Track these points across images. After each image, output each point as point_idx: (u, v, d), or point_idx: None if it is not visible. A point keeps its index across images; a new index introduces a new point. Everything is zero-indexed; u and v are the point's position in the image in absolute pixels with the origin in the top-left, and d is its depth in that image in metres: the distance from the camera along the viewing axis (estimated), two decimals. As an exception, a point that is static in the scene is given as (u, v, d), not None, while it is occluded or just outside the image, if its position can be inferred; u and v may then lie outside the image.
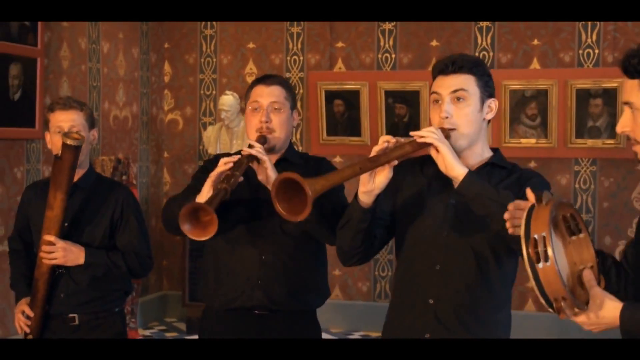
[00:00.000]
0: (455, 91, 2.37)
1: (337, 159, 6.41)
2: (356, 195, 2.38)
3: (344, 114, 6.41)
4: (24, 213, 3.36)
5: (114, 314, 3.29)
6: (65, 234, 3.16)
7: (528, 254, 1.91)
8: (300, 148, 6.57)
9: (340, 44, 6.56)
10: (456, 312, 2.37)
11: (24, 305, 3.21)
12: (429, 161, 2.39)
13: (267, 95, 2.86)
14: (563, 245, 2.03)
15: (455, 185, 2.31)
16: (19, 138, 5.20)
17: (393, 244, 2.58)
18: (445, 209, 2.41)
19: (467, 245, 2.37)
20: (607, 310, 1.95)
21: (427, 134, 2.29)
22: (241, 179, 2.69)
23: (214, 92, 6.84)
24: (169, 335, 6.31)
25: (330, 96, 6.41)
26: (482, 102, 2.40)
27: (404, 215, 2.47)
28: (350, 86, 6.36)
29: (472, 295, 2.37)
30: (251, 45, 6.75)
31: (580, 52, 6.08)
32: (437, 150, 2.29)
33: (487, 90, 2.42)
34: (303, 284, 2.89)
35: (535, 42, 6.17)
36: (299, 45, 6.64)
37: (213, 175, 2.68)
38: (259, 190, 2.81)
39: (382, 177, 2.32)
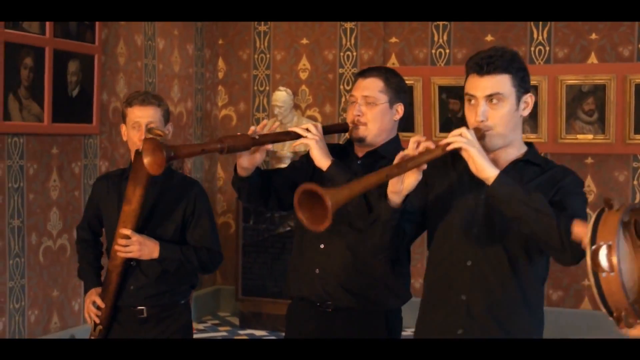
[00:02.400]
0: (490, 95, 2.32)
1: (390, 155, 6.39)
2: (385, 194, 2.36)
3: (406, 110, 6.38)
4: (95, 204, 3.38)
5: (180, 307, 3.30)
6: (139, 228, 3.17)
7: (592, 262, 1.85)
8: (353, 144, 6.56)
9: (393, 40, 6.54)
10: (489, 309, 2.35)
11: (94, 296, 3.24)
12: (459, 156, 2.36)
13: (362, 88, 2.87)
14: (632, 251, 1.96)
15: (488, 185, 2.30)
16: (76, 134, 5.30)
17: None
18: (476, 205, 2.38)
19: (498, 241, 2.34)
20: None
21: (454, 139, 2.25)
22: (268, 146, 2.73)
23: (267, 88, 6.87)
24: (222, 329, 6.37)
25: (384, 92, 6.39)
26: (519, 99, 2.36)
27: (435, 211, 2.45)
28: (404, 82, 6.33)
29: (505, 292, 2.35)
30: (304, 41, 6.76)
31: (640, 46, 5.96)
32: (468, 154, 2.25)
33: (524, 86, 2.37)
34: (366, 281, 2.84)
35: (593, 36, 6.06)
36: (352, 41, 6.63)
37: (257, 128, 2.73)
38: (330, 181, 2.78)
39: (411, 179, 2.30)
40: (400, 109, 2.93)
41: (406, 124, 3.12)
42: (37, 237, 5.04)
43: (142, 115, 3.17)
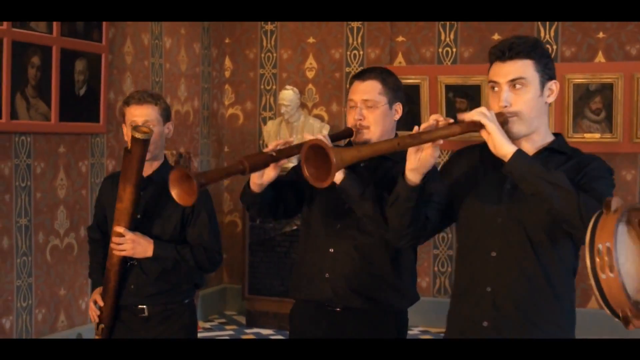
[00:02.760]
0: (513, 80, 2.31)
1: (397, 154, 6.39)
2: (404, 172, 2.36)
3: (404, 109, 6.36)
4: (102, 203, 3.40)
5: (183, 306, 3.30)
6: (138, 226, 3.18)
7: (592, 264, 1.84)
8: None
9: (400, 38, 6.53)
10: (514, 300, 2.32)
11: (96, 295, 3.27)
12: (486, 148, 2.33)
13: (361, 92, 2.85)
14: (637, 251, 1.94)
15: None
16: (83, 132, 5.31)
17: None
18: (500, 195, 2.36)
19: (522, 232, 2.32)
20: None
21: (473, 112, 2.24)
22: (283, 161, 2.67)
23: (274, 86, 6.87)
24: (229, 328, 6.38)
25: (390, 91, 6.38)
26: (542, 85, 2.33)
27: (460, 201, 2.44)
28: (411, 80, 6.32)
29: (530, 283, 2.32)
30: (311, 40, 6.76)
31: (647, 44, 5.94)
32: (486, 130, 2.23)
33: (547, 72, 2.34)
34: (375, 283, 2.84)
35: (601, 35, 6.04)
36: (359, 40, 6.63)
37: (269, 146, 2.68)
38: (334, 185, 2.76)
39: (427, 156, 2.29)
40: (399, 108, 2.94)
41: (412, 123, 3.11)
42: (44, 236, 5.05)
43: (139, 114, 3.19)
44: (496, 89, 2.34)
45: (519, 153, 2.22)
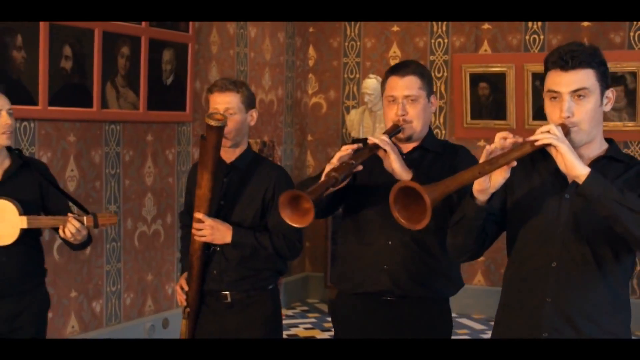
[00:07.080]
0: (576, 90, 2.26)
1: (481, 143, 6.28)
2: (471, 192, 2.34)
3: (489, 97, 6.27)
4: (189, 189, 3.47)
5: (265, 293, 3.31)
6: (220, 212, 3.23)
7: None
8: (444, 132, 6.50)
9: (486, 26, 6.43)
10: (575, 312, 2.29)
11: (182, 280, 3.34)
12: (540, 155, 2.32)
13: (402, 87, 2.89)
14: None
15: (573, 182, 2.24)
16: (170, 121, 5.41)
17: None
18: (559, 204, 2.32)
19: (583, 241, 2.28)
20: None
21: (544, 136, 2.20)
22: (360, 167, 2.73)
23: (357, 75, 6.86)
24: (311, 316, 6.42)
25: (475, 79, 6.30)
26: (602, 94, 2.30)
27: (517, 212, 2.41)
28: (496, 69, 6.22)
29: (592, 293, 2.28)
30: (395, 28, 6.71)
31: None
32: (558, 151, 2.20)
33: (605, 81, 2.31)
34: (431, 271, 2.90)
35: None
36: (444, 28, 6.55)
37: (332, 161, 2.73)
38: (390, 176, 2.80)
39: (499, 177, 2.27)
40: (434, 100, 2.98)
41: (498, 112, 3.08)
42: (133, 223, 5.18)
43: (221, 102, 3.23)
44: (557, 98, 2.30)
45: (593, 175, 2.17)
